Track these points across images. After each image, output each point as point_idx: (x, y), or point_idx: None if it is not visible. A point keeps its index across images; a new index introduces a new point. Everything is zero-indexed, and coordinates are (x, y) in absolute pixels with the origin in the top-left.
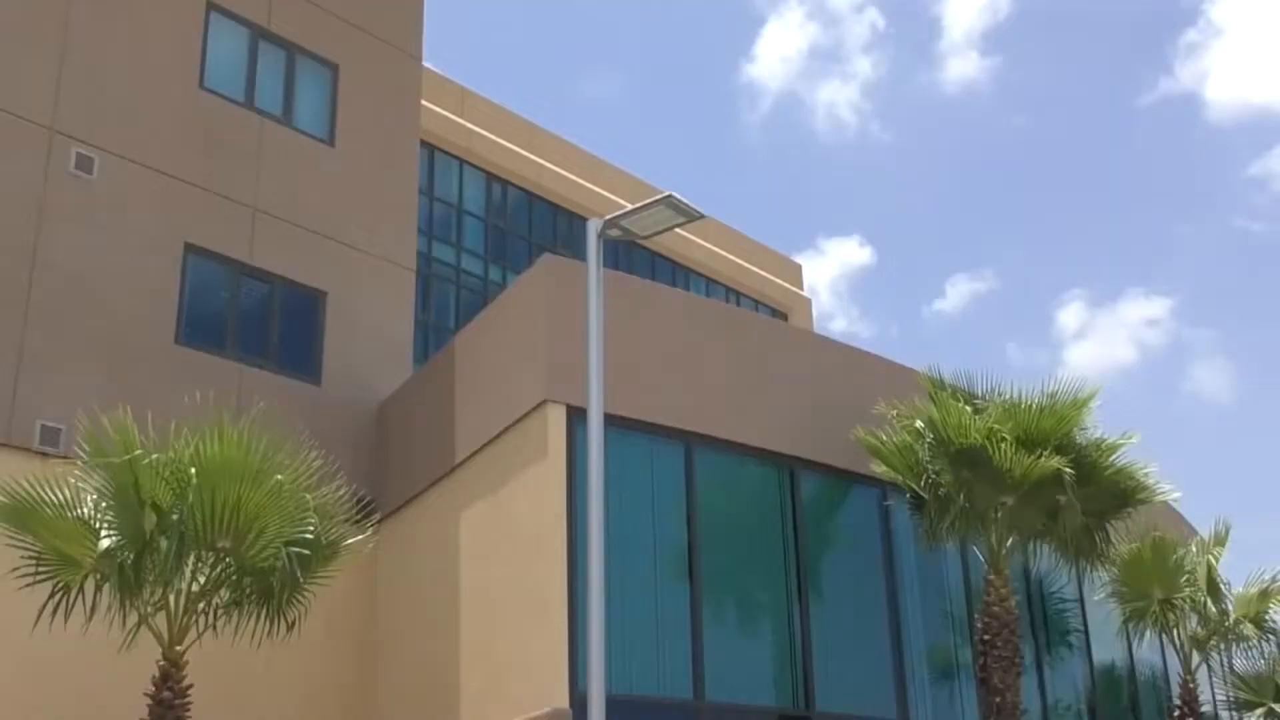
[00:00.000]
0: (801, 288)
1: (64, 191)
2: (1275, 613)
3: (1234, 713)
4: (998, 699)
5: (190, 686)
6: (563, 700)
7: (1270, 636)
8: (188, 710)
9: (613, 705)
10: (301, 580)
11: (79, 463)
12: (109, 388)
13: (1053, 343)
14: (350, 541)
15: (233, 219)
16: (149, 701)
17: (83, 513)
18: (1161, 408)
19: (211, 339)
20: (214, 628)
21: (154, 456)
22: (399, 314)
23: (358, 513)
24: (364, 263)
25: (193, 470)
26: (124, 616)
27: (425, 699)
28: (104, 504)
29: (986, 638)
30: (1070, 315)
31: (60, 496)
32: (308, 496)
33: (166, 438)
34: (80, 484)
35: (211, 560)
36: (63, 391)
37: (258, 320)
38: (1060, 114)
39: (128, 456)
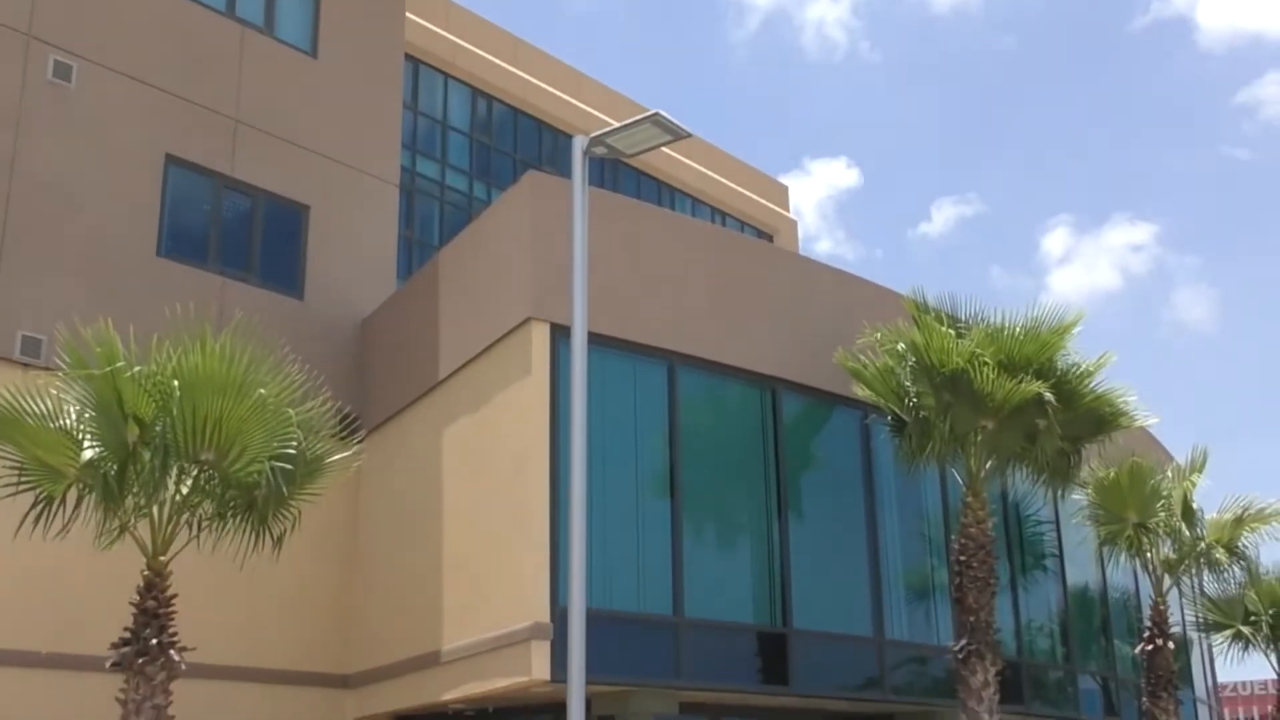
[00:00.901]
0: (787, 209)
1: (42, 100)
2: (1247, 539)
3: (1202, 634)
4: (972, 618)
5: (174, 596)
6: (544, 615)
7: (1242, 562)
8: (172, 619)
9: (593, 620)
10: (286, 496)
11: (60, 374)
12: (90, 300)
13: (1037, 268)
14: (335, 459)
15: (214, 131)
16: (134, 609)
17: (65, 424)
18: (1144, 334)
19: (193, 252)
20: (197, 540)
21: (136, 369)
22: (382, 229)
23: (341, 428)
24: (347, 177)
25: (175, 383)
26: (107, 527)
27: (408, 613)
28: (86, 415)
29: (963, 558)
30: (1055, 240)
31: (42, 407)
32: (291, 411)
33: (148, 350)
34: (62, 395)
35: (195, 473)
36: (43, 302)
37: (240, 234)
38: (1050, 36)
39: (109, 369)
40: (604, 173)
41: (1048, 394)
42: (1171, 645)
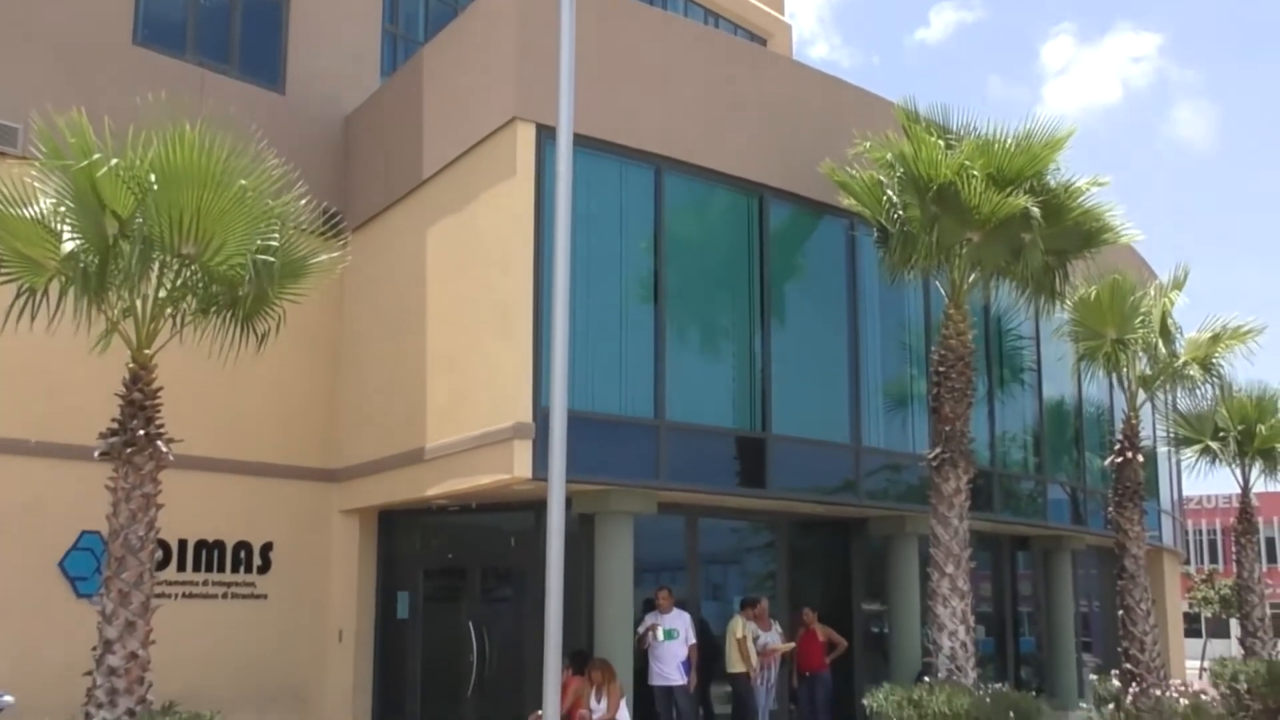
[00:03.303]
0: (782, 12)
1: None
2: (1223, 357)
3: (1172, 449)
4: (947, 427)
5: (160, 389)
6: (526, 415)
7: (1215, 379)
8: (159, 411)
9: (575, 421)
10: (270, 293)
11: (36, 164)
12: (65, 87)
13: (1034, 78)
14: (320, 259)
15: None
16: (120, 402)
17: (42, 214)
18: (1139, 149)
19: (171, 40)
20: (180, 335)
21: (113, 161)
22: (365, 22)
23: (325, 226)
24: None
25: (152, 176)
26: (91, 320)
27: (392, 411)
28: (63, 207)
29: (942, 369)
30: (1055, 49)
31: (18, 197)
32: (272, 205)
33: (124, 141)
34: (39, 185)
35: (177, 267)
36: (17, 89)
37: (219, 23)
38: None
39: (85, 161)
40: None
41: (1034, 209)
42: (1140, 458)
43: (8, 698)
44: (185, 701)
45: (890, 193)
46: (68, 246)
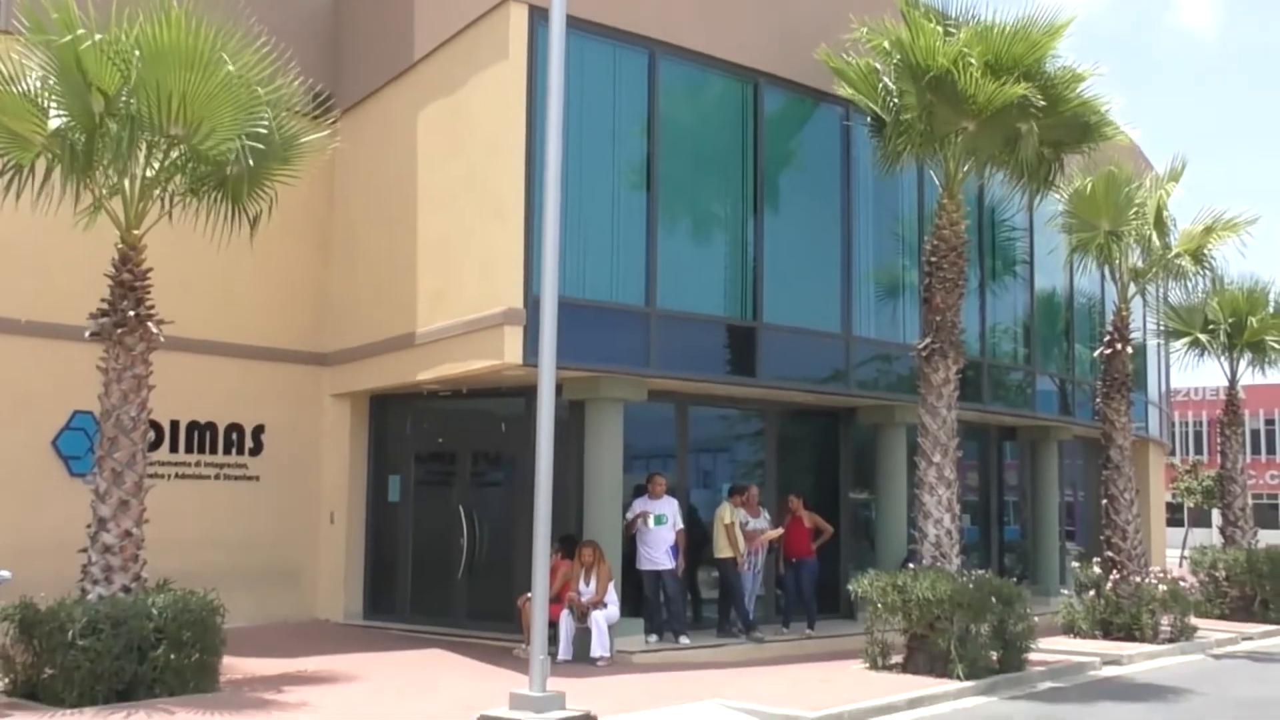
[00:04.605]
0: None
1: None
2: (1215, 249)
3: (1161, 341)
4: (938, 318)
5: (150, 270)
6: (517, 301)
7: (1207, 272)
8: (148, 292)
9: (566, 308)
10: (259, 175)
11: (21, 38)
12: None
13: None
14: (308, 139)
15: None
16: (110, 282)
17: (29, 90)
18: (1143, 39)
19: None
20: (169, 215)
21: (97, 37)
22: None
23: (314, 107)
24: None
25: (137, 52)
26: (79, 199)
27: (383, 295)
28: (50, 83)
29: (934, 260)
30: None
31: (4, 72)
32: (260, 90)
33: (108, 18)
34: (24, 61)
35: (165, 147)
36: None
37: None
38: None
39: (69, 36)
40: None
41: (1032, 95)
42: (1130, 350)
43: (4, 573)
44: (179, 580)
45: (886, 80)
46: (54, 123)
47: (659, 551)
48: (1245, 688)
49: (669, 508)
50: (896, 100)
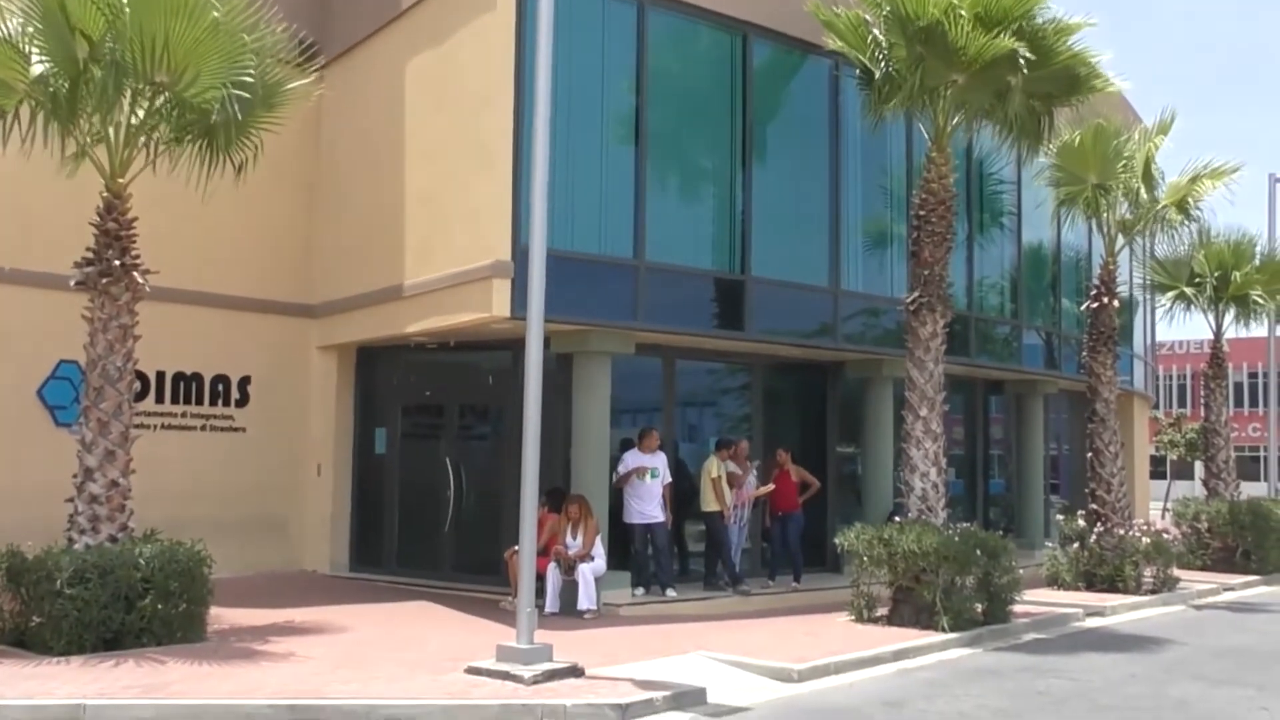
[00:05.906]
0: None
1: None
2: (1202, 199)
3: (1148, 295)
4: (926, 271)
5: (135, 219)
6: (505, 253)
7: (1193, 224)
8: (134, 242)
9: (554, 261)
10: (244, 123)
11: None
12: None
13: None
14: (293, 85)
15: None
16: (95, 231)
17: (9, 34)
18: None
19: None
20: (153, 164)
21: None
22: None
23: (300, 55)
24: None
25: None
26: (63, 146)
27: (371, 247)
28: (31, 27)
29: (922, 213)
30: None
31: None
32: (245, 36)
33: None
34: (5, 4)
35: (150, 94)
36: None
37: None
38: None
39: None
40: None
41: (1022, 50)
42: (1116, 304)
43: None
44: (166, 530)
45: (876, 32)
46: (37, 69)
47: (653, 505)
48: (1225, 637)
49: (660, 462)
50: (886, 52)
